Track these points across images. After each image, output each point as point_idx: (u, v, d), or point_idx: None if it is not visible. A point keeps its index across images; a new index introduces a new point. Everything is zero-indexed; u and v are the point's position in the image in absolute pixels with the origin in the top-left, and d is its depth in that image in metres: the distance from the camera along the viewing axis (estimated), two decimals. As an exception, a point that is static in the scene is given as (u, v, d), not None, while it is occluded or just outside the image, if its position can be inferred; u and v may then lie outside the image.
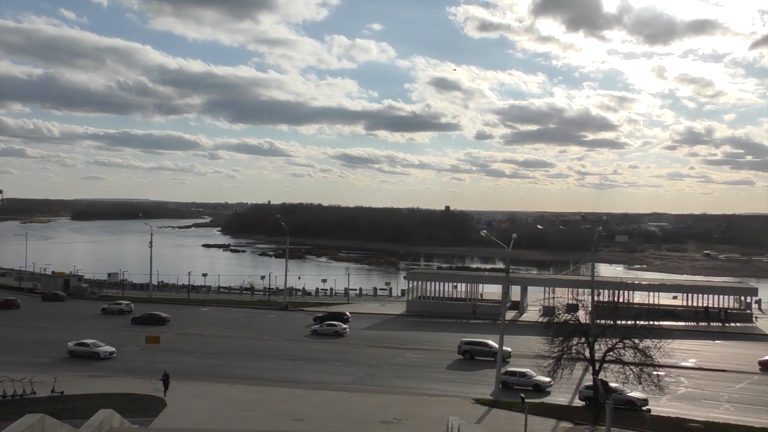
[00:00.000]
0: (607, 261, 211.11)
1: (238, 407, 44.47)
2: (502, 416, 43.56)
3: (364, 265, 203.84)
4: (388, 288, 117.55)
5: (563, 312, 49.84)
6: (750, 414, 45.42)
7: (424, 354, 66.58)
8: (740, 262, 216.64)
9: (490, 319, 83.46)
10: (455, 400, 48.40)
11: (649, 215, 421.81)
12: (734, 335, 79.01)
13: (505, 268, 63.59)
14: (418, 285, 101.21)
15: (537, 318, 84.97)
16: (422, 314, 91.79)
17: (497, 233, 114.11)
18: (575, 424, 42.31)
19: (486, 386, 50.78)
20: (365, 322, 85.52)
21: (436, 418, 41.62)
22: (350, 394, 49.86)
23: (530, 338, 64.62)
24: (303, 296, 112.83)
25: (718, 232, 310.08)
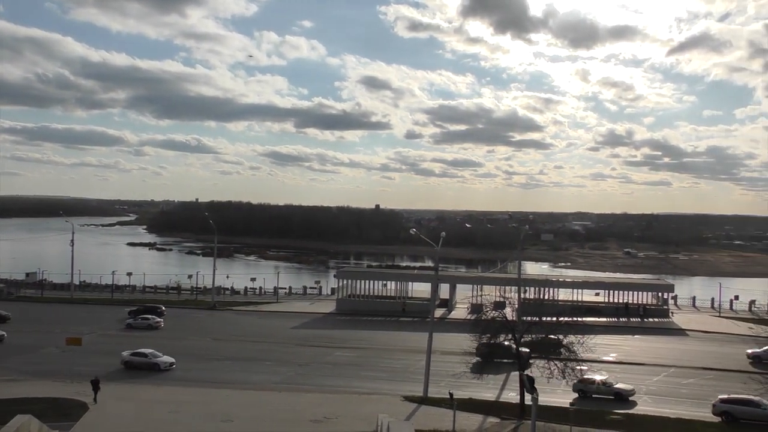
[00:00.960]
0: (534, 259, 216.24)
1: (165, 409, 43.54)
2: (432, 413, 43.99)
3: (294, 263, 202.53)
4: (317, 287, 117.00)
5: (491, 309, 50.63)
6: (666, 405, 47.26)
7: (354, 352, 66.65)
8: (658, 260, 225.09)
9: (419, 317, 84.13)
10: (385, 397, 48.64)
11: (573, 214, 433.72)
12: (652, 330, 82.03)
13: (434, 267, 64.26)
14: (348, 283, 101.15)
15: (465, 315, 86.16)
16: (352, 313, 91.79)
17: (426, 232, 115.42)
18: (502, 419, 43.15)
19: (416, 383, 51.17)
20: (295, 321, 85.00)
21: (365, 416, 41.77)
22: (280, 394, 49.52)
23: (459, 335, 65.44)
24: (232, 295, 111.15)
25: (638, 231, 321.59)
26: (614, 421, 42.10)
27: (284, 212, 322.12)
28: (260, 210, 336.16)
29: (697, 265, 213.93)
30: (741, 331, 74.43)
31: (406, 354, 64.89)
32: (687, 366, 60.84)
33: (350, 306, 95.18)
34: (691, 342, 74.57)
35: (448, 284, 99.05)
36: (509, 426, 41.68)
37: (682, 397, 50.46)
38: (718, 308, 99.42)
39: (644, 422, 42.16)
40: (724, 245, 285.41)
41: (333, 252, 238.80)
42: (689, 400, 49.12)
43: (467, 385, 48.94)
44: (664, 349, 68.79)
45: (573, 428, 38.02)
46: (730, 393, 45.47)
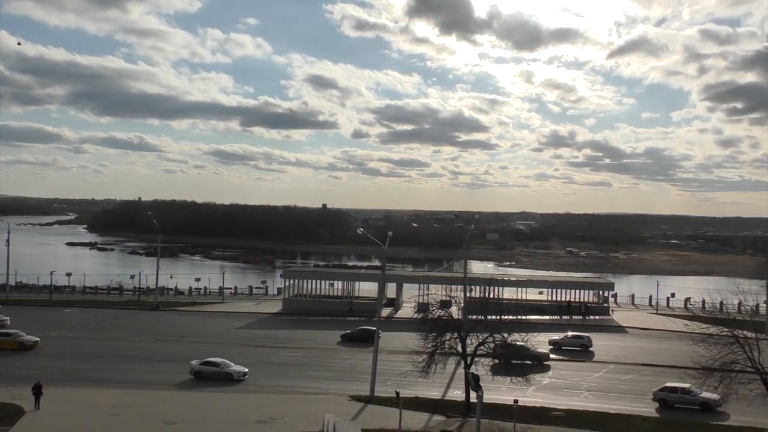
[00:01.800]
0: (479, 258, 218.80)
1: (105, 412, 42.60)
2: (378, 412, 44.12)
3: (240, 263, 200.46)
4: (264, 287, 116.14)
5: (437, 308, 51.09)
6: (606, 401, 48.49)
7: (300, 352, 66.36)
8: (599, 259, 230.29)
9: (366, 316, 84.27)
10: (332, 397, 48.57)
11: (517, 214, 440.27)
12: (593, 327, 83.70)
13: (381, 266, 64.45)
14: (294, 283, 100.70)
15: (412, 314, 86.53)
16: (299, 312, 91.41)
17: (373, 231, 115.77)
18: (447, 417, 43.56)
19: (363, 383, 51.25)
20: (240, 321, 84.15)
21: (312, 415, 41.68)
22: (224, 395, 48.96)
23: (405, 334, 65.81)
24: (176, 296, 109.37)
25: (580, 230, 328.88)
26: (557, 418, 42.94)
27: (230, 211, 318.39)
28: (205, 209, 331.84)
29: (636, 263, 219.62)
30: (677, 327, 76.80)
31: (353, 353, 64.95)
32: (626, 362, 62.53)
33: (297, 306, 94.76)
34: (630, 339, 76.62)
35: (394, 283, 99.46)
36: (454, 424, 42.12)
37: (622, 392, 51.87)
38: (655, 306, 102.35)
39: (585, 418, 43.06)
40: (661, 244, 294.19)
41: (279, 252, 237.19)
42: (629, 396, 50.54)
43: (413, 383, 49.24)
44: (604, 345, 70.47)
45: (517, 425, 38.64)
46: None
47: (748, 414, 41.84)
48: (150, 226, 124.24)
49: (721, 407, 44.18)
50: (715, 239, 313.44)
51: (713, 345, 39.46)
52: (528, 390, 48.94)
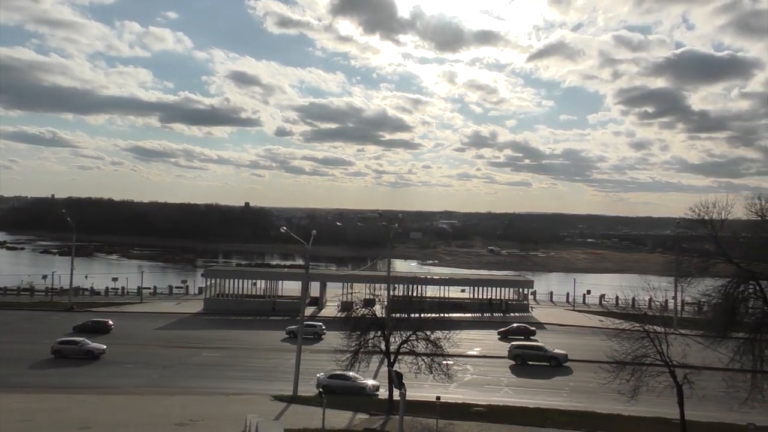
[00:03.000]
0: (403, 257, 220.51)
1: (14, 418, 40.76)
2: (301, 411, 43.91)
3: (159, 262, 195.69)
4: (184, 286, 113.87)
5: (361, 307, 51.18)
6: (525, 396, 49.76)
7: (221, 352, 65.37)
8: (519, 257, 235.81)
9: (289, 316, 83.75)
10: (254, 397, 48.08)
11: (440, 213, 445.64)
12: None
13: (304, 265, 64.08)
14: (216, 283, 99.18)
15: (336, 313, 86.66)
16: (220, 312, 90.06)
17: (297, 230, 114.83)
18: (371, 415, 43.74)
19: (286, 383, 50.89)
20: (159, 322, 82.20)
21: (233, 416, 41.09)
22: (142, 397, 47.74)
23: (329, 333, 65.87)
24: (91, 296, 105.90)
25: (500, 229, 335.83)
26: (478, 413, 43.73)
27: (149, 209, 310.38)
28: (123, 207, 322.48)
29: (554, 261, 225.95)
30: (592, 323, 79.51)
31: (276, 353, 64.44)
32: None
33: (218, 305, 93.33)
34: (548, 335, 78.69)
35: (318, 282, 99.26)
36: (378, 421, 42.31)
37: (540, 387, 53.29)
38: (572, 302, 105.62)
39: (505, 413, 44.06)
40: (578, 243, 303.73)
41: (201, 250, 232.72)
42: (546, 390, 51.97)
43: (337, 382, 49.21)
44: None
45: (439, 421, 39.15)
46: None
47: (657, 405, 43.58)
48: (64, 224, 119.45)
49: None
50: (628, 238, 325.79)
51: (626, 340, 40.99)
52: (450, 387, 49.63)
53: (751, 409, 37.33)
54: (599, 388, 45.89)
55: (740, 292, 37.65)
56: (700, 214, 38.71)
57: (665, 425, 41.09)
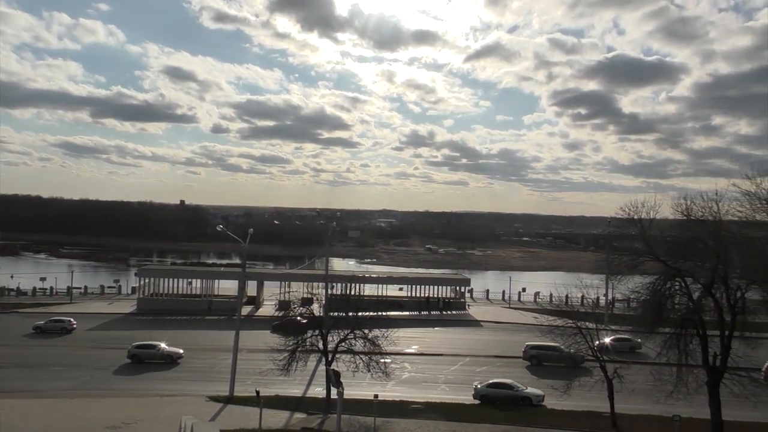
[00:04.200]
0: (341, 255, 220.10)
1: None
2: (238, 412, 43.44)
3: (91, 261, 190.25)
4: (117, 286, 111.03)
5: (298, 306, 50.95)
6: (462, 393, 50.33)
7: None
8: (456, 256, 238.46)
9: (225, 315, 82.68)
10: (189, 398, 47.28)
11: (379, 212, 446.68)
12: (450, 322, 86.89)
13: (241, 264, 63.35)
14: (150, 282, 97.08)
15: (273, 312, 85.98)
16: (155, 312, 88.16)
17: (234, 228, 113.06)
18: (309, 414, 43.59)
19: (222, 383, 50.20)
20: (90, 323, 79.87)
21: (168, 418, 40.29)
22: (72, 401, 46.37)
23: (266, 332, 65.32)
24: (18, 297, 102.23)
25: (438, 228, 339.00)
26: (415, 410, 44.05)
27: (80, 207, 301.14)
28: (52, 204, 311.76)
29: (491, 260, 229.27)
30: (527, 320, 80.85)
31: (212, 353, 63.47)
32: (481, 355, 65.22)
33: (153, 305, 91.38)
34: (484, 332, 79.93)
35: (255, 281, 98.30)
36: (315, 421, 42.20)
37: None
38: (508, 300, 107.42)
39: (442, 409, 44.51)
40: (514, 241, 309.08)
41: (134, 249, 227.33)
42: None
43: (274, 382, 48.83)
44: (460, 339, 73.10)
45: (377, 419, 39.29)
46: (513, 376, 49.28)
47: (588, 399, 44.78)
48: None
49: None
50: (562, 237, 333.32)
51: (559, 336, 42.12)
52: (388, 384, 49.83)
53: (676, 401, 38.64)
54: (534, 384, 46.93)
55: (667, 289, 38.92)
56: (629, 214, 39.88)
57: (596, 419, 42.21)
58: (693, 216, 38.87)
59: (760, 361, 47.76)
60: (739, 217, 38.37)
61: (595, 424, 41.08)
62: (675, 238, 41.46)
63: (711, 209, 38.16)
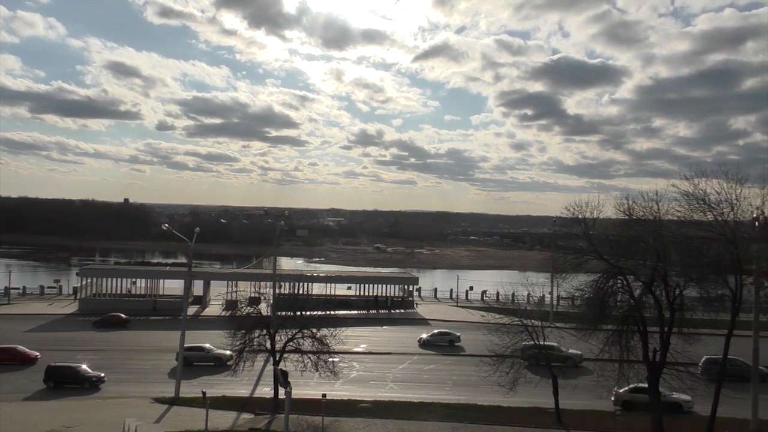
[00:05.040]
0: (289, 254, 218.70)
1: None
2: (183, 413, 42.81)
3: (30, 261, 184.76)
4: (57, 286, 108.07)
5: (246, 305, 50.48)
6: (410, 391, 50.69)
7: (98, 354, 62.44)
8: (405, 255, 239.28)
9: (171, 315, 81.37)
10: (133, 400, 46.39)
11: (327, 211, 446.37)
12: (399, 321, 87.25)
13: (187, 263, 62.41)
14: (92, 282, 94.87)
15: (220, 312, 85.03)
16: (97, 313, 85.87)
17: (180, 227, 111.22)
18: (256, 414, 43.24)
19: (167, 384, 49.40)
20: (30, 324, 77.61)
21: (111, 421, 39.52)
22: (10, 405, 44.99)
23: (213, 332, 64.40)
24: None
25: (386, 227, 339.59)
26: (364, 409, 44.11)
27: (18, 205, 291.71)
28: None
29: (439, 259, 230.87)
30: (475, 318, 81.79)
31: (157, 354, 62.38)
32: (428, 353, 65.66)
33: (95, 306, 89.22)
34: (432, 330, 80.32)
35: (202, 281, 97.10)
36: (263, 421, 41.89)
37: (425, 382, 54.45)
38: (455, 298, 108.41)
39: (390, 408, 44.66)
40: (461, 240, 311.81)
41: (76, 248, 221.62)
42: (431, 385, 53.20)
43: (221, 382, 48.38)
44: (409, 338, 73.46)
45: (325, 418, 39.22)
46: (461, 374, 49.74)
47: (534, 395, 45.57)
48: None
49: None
50: (508, 236, 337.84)
51: (506, 333, 42.71)
52: (336, 384, 49.77)
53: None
54: (481, 381, 47.52)
55: (609, 287, 39.84)
56: (574, 214, 40.71)
57: (542, 414, 42.95)
58: (634, 215, 39.91)
59: (698, 356, 49.24)
60: (677, 216, 39.56)
61: (540, 420, 41.79)
62: (617, 237, 42.42)
63: (651, 209, 39.27)
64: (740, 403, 42.86)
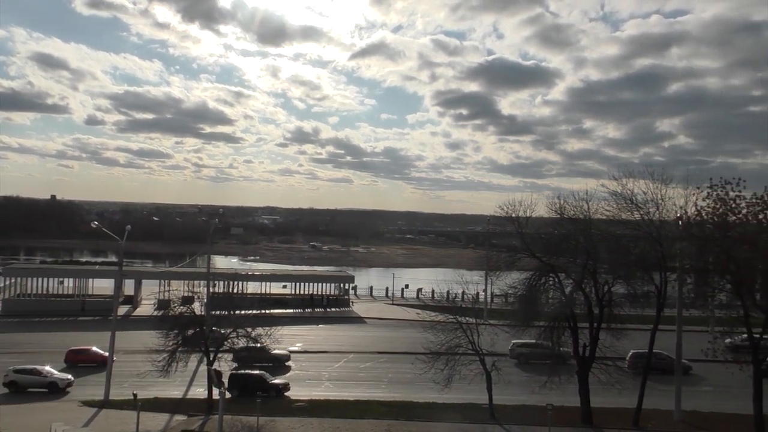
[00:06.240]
0: (223, 253, 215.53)
1: None
2: (114, 416, 41.78)
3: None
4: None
5: (179, 305, 49.59)
6: (346, 389, 50.71)
7: (23, 357, 60.17)
8: (340, 253, 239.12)
9: (101, 315, 79.27)
10: (61, 404, 45.12)
11: (262, 209, 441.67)
12: (335, 319, 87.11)
13: (118, 262, 60.88)
14: (17, 282, 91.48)
15: (152, 312, 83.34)
16: (22, 314, 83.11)
17: (110, 225, 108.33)
18: (189, 416, 42.53)
19: (97, 387, 48.05)
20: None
21: (37, 426, 38.25)
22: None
23: (145, 333, 62.88)
24: None
25: (322, 225, 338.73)
26: (300, 409, 43.93)
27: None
28: None
29: (375, 257, 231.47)
30: (410, 316, 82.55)
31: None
32: (364, 351, 65.82)
33: (20, 307, 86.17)
34: (368, 329, 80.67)
35: (133, 280, 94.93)
36: (196, 422, 41.24)
37: (361, 380, 54.57)
38: (391, 297, 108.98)
39: (326, 407, 44.63)
40: (397, 239, 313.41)
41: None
42: (367, 383, 53.32)
43: (153, 384, 47.37)
44: (345, 336, 73.50)
45: (260, 418, 38.89)
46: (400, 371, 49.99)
47: (468, 392, 46.17)
48: None
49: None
50: (443, 234, 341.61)
51: (441, 331, 43.19)
52: (271, 383, 49.41)
53: (549, 391, 40.64)
54: (416, 379, 47.92)
55: (542, 284, 40.83)
56: (507, 212, 41.56)
57: (476, 410, 43.56)
58: (566, 215, 41.00)
59: (625, 351, 50.86)
60: (606, 215, 40.87)
61: (474, 416, 42.40)
62: (549, 236, 43.48)
63: (582, 208, 40.42)
64: (665, 394, 44.48)
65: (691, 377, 52.89)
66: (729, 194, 37.84)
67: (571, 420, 40.45)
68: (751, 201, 37.70)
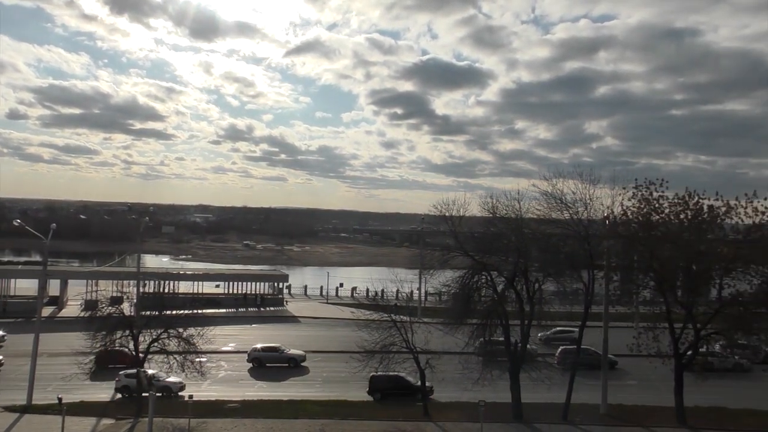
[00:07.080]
0: (154, 252, 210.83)
1: None
2: (37, 421, 40.42)
3: None
4: None
5: (107, 305, 48.25)
6: (279, 389, 50.36)
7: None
8: (275, 252, 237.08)
9: (24, 317, 76.42)
10: (-21, 410, 43.23)
11: (195, 207, 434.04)
12: (269, 318, 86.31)
13: (42, 261, 58.83)
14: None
15: (78, 313, 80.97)
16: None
17: (34, 223, 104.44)
18: (117, 419, 41.49)
19: (19, 391, 46.30)
20: None
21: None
22: None
23: (71, 334, 60.92)
24: None
25: (257, 224, 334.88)
26: (232, 410, 43.36)
27: None
28: None
29: (309, 256, 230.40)
30: (345, 315, 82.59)
31: (6, 359, 58.33)
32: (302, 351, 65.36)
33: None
34: (302, 328, 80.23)
35: (58, 280, 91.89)
36: (125, 426, 40.25)
37: (295, 380, 54.20)
38: (326, 295, 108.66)
39: (259, 407, 44.22)
40: (332, 237, 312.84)
41: None
42: (300, 383, 53.03)
43: (80, 387, 46.02)
44: (279, 336, 72.81)
45: (192, 420, 38.23)
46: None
47: (403, 390, 46.46)
48: None
49: None
50: (378, 233, 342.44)
51: (375, 329, 43.33)
52: (203, 384, 48.67)
53: (482, 387, 41.28)
54: (350, 377, 47.95)
55: (474, 282, 41.42)
56: (441, 211, 42.00)
57: (410, 408, 43.90)
58: (498, 214, 41.71)
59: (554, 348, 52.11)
60: (537, 215, 41.80)
61: (408, 413, 42.69)
62: (482, 235, 44.13)
63: (514, 207, 41.19)
64: (592, 389, 45.75)
65: (617, 372, 54.52)
66: (653, 195, 39.36)
67: (503, 415, 41.16)
68: (673, 201, 39.31)
